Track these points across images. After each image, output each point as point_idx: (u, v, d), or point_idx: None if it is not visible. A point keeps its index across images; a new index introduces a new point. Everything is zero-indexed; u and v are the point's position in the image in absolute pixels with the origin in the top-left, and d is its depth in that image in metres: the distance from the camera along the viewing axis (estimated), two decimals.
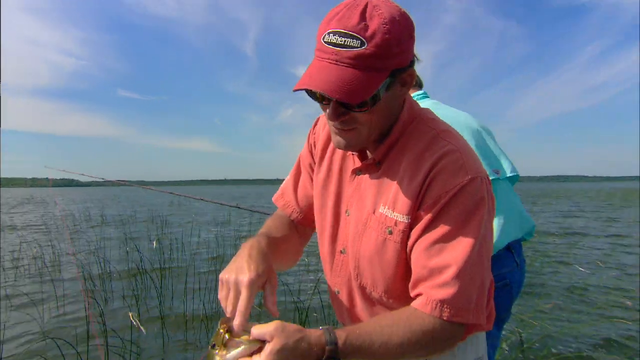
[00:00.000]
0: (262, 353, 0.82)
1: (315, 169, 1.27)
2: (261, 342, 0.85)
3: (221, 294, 0.96)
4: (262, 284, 0.97)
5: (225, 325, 0.89)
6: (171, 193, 5.35)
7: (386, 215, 1.04)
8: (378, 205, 1.06)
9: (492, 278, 1.11)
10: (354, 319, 1.20)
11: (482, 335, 1.21)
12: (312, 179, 1.30)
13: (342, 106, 0.96)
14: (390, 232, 1.02)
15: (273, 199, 1.40)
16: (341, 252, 1.16)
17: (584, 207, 26.77)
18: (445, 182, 0.95)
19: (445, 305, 0.92)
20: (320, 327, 0.91)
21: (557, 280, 7.16)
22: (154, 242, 9.71)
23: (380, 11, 0.88)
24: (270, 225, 1.30)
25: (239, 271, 0.94)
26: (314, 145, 1.30)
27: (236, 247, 9.70)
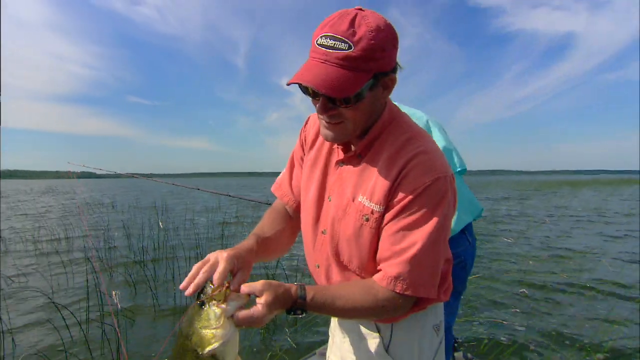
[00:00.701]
0: (258, 304, 0.84)
1: (305, 159, 1.26)
2: (249, 296, 0.85)
3: (197, 265, 0.91)
4: (236, 269, 0.95)
5: (216, 286, 0.84)
6: (173, 184, 5.30)
7: (364, 205, 1.03)
8: (357, 194, 1.05)
9: (450, 257, 1.13)
10: None
11: (440, 305, 1.22)
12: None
13: (329, 101, 0.95)
14: (367, 220, 1.02)
15: (272, 189, 1.37)
16: (322, 232, 1.14)
17: (510, 194, 27.90)
18: (415, 180, 0.95)
19: (398, 281, 0.94)
20: (295, 283, 0.93)
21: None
22: (160, 223, 9.60)
23: (368, 21, 0.88)
24: (264, 223, 1.28)
25: (221, 252, 0.94)
26: (305, 140, 1.28)
27: (223, 229, 9.92)
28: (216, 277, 0.86)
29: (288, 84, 0.93)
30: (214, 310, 0.80)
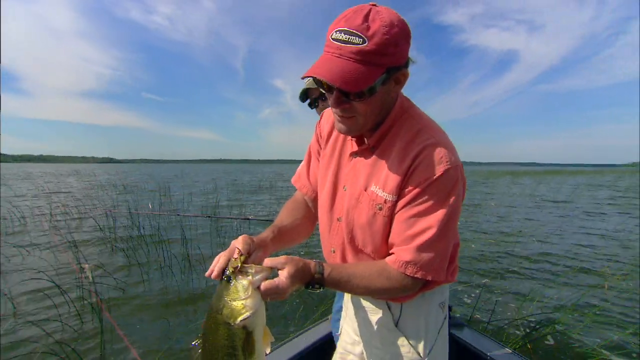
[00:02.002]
0: (281, 276, 0.79)
1: (321, 152, 1.17)
2: (272, 269, 0.80)
3: (220, 254, 0.85)
4: (252, 248, 0.88)
5: (238, 257, 0.80)
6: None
7: (377, 194, 0.95)
8: (370, 184, 0.97)
9: (458, 241, 1.06)
10: None
11: (446, 286, 1.15)
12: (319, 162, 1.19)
13: (343, 95, 0.86)
14: (380, 209, 0.95)
15: (292, 180, 1.29)
16: (338, 219, 1.06)
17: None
18: (426, 171, 0.87)
19: (409, 265, 0.90)
20: (314, 260, 0.88)
21: None
22: (161, 196, 9.27)
23: (382, 16, 0.79)
24: (283, 213, 1.19)
25: (237, 239, 0.88)
26: (320, 135, 1.18)
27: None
28: (235, 253, 0.82)
29: (303, 78, 0.85)
30: (241, 282, 0.75)
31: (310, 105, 1.86)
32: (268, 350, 0.80)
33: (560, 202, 13.96)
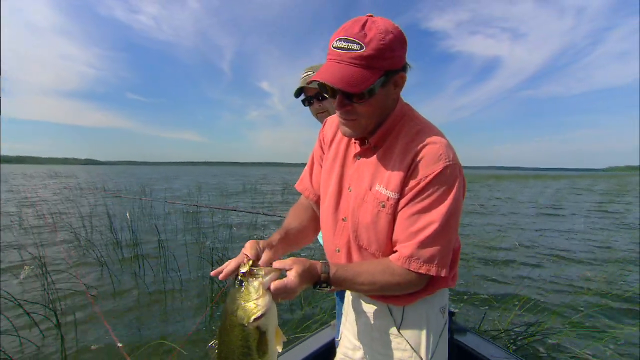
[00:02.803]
0: (289, 276, 0.82)
1: (324, 157, 1.20)
2: (281, 271, 0.83)
3: (230, 260, 0.89)
4: (260, 252, 0.91)
5: (248, 262, 0.83)
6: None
7: (380, 192, 0.98)
8: (374, 184, 1.00)
9: (459, 246, 1.08)
10: None
11: (446, 290, 1.17)
12: (322, 168, 1.22)
13: (345, 98, 0.92)
14: (383, 206, 0.98)
15: (295, 185, 1.32)
16: (343, 220, 1.09)
17: None
18: (426, 168, 0.91)
19: (412, 260, 0.92)
20: (320, 261, 0.92)
21: None
22: (128, 214, 9.08)
23: (378, 24, 0.86)
24: (289, 218, 1.23)
25: (245, 245, 0.92)
26: (323, 140, 1.23)
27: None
28: (245, 259, 0.86)
29: (308, 83, 0.97)
30: (252, 283, 0.78)
31: (304, 102, 1.88)
32: (280, 349, 0.82)
33: (550, 207, 14.17)
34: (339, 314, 1.93)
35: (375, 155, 1.03)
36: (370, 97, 0.91)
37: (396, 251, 0.97)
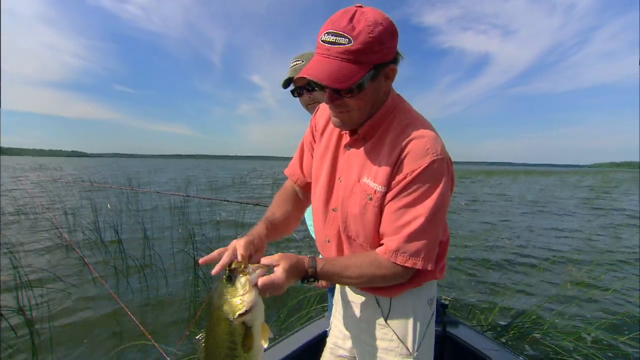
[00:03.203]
0: (276, 271, 0.83)
1: (315, 146, 1.19)
2: (268, 267, 0.84)
3: (218, 250, 0.89)
4: (252, 252, 0.92)
5: (240, 261, 0.83)
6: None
7: (368, 185, 0.98)
8: (362, 176, 1.00)
9: (447, 238, 1.09)
10: None
11: (434, 282, 1.17)
12: (312, 155, 1.21)
13: (335, 92, 0.91)
14: (370, 199, 0.98)
15: (284, 171, 1.32)
16: (333, 210, 1.10)
17: None
18: (413, 162, 0.91)
19: (399, 254, 0.93)
20: (308, 256, 0.94)
21: None
22: (109, 205, 8.85)
23: (367, 16, 0.83)
24: (274, 205, 1.23)
25: (238, 241, 0.91)
26: (315, 127, 1.21)
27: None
28: (239, 258, 0.86)
29: (295, 80, 0.94)
30: (239, 280, 0.79)
31: (293, 93, 1.83)
32: (265, 345, 0.83)
33: (541, 203, 14.32)
34: (330, 305, 1.95)
35: (364, 147, 1.03)
36: (359, 92, 0.90)
37: (383, 244, 0.97)
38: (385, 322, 1.09)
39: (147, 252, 5.34)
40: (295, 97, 1.85)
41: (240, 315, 0.77)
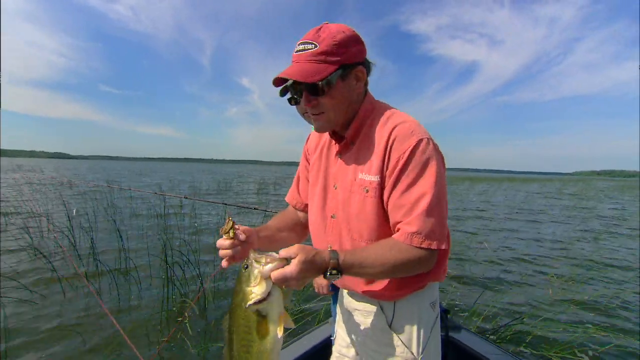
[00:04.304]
0: (291, 263, 0.81)
1: (310, 167, 1.25)
2: (286, 260, 0.83)
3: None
4: (250, 237, 1.01)
5: (256, 250, 0.84)
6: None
7: (364, 179, 1.02)
8: (357, 174, 1.04)
9: (449, 239, 1.07)
10: None
11: (436, 285, 1.17)
12: (307, 179, 1.28)
13: (309, 94, 0.98)
14: (367, 191, 1.01)
15: (285, 199, 1.38)
16: (332, 217, 1.12)
17: None
18: (401, 145, 0.95)
19: (415, 235, 0.92)
20: (328, 249, 0.96)
21: None
22: (74, 211, 8.54)
23: (330, 27, 0.96)
24: (272, 220, 1.29)
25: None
26: (307, 152, 1.30)
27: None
28: (228, 220, 0.94)
29: (273, 82, 0.98)
30: (253, 271, 0.81)
31: (290, 101, 1.81)
32: (280, 334, 0.82)
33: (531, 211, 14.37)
34: (334, 313, 1.94)
35: (353, 149, 1.08)
36: (330, 89, 0.97)
37: (398, 230, 0.96)
38: (390, 327, 1.10)
39: (122, 257, 5.07)
40: (292, 105, 1.83)
41: (251, 304, 0.79)
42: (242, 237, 0.97)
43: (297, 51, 0.97)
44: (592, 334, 3.39)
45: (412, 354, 1.07)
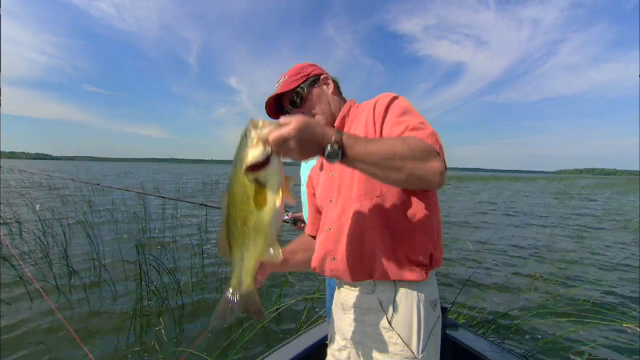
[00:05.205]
0: (289, 123, 0.77)
1: (315, 192, 1.36)
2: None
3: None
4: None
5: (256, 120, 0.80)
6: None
7: None
8: None
9: (440, 219, 1.13)
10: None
11: (434, 283, 1.15)
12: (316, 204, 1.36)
13: (294, 107, 1.24)
14: None
15: (305, 232, 1.40)
16: (330, 201, 1.20)
17: None
18: (382, 101, 1.09)
19: (419, 133, 0.95)
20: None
21: None
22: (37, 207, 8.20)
23: (294, 66, 1.29)
24: (287, 246, 1.32)
25: None
26: (312, 181, 1.39)
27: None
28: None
29: (267, 111, 1.24)
30: (250, 134, 0.78)
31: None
32: (278, 204, 0.80)
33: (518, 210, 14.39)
34: (329, 313, 1.94)
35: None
36: (308, 95, 1.23)
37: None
38: (390, 325, 1.07)
39: (94, 264, 4.82)
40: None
41: (248, 168, 0.77)
42: (259, 277, 1.00)
43: (276, 85, 1.25)
44: (581, 329, 3.44)
45: (412, 351, 1.05)
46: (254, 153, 0.77)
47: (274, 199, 0.80)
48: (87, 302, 3.89)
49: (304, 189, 2.07)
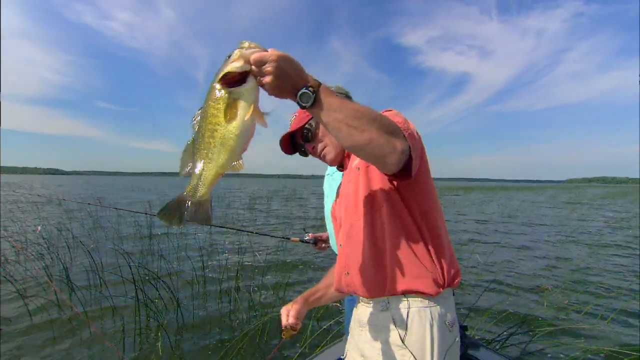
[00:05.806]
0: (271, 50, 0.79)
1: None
2: (265, 49, 0.80)
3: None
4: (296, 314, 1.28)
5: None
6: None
7: (356, 163, 1.19)
8: (352, 163, 1.23)
9: (446, 233, 1.15)
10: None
11: (451, 304, 1.13)
12: None
13: (304, 142, 1.32)
14: (358, 169, 1.17)
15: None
16: (340, 218, 1.30)
17: None
18: None
19: (391, 115, 1.00)
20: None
21: None
22: (38, 228, 8.18)
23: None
24: (320, 281, 1.45)
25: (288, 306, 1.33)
26: (334, 210, 1.40)
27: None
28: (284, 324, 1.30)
29: (280, 143, 1.33)
30: (234, 51, 0.79)
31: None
32: (248, 118, 0.80)
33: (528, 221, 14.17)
34: (347, 331, 1.89)
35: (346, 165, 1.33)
36: (317, 130, 1.29)
37: None
38: (403, 343, 1.07)
39: (95, 280, 4.73)
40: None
41: (223, 79, 0.78)
42: (298, 326, 1.28)
43: (288, 123, 1.35)
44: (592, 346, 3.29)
45: None
46: (232, 65, 0.78)
47: (244, 114, 0.80)
48: (86, 316, 3.80)
49: (327, 201, 2.09)
